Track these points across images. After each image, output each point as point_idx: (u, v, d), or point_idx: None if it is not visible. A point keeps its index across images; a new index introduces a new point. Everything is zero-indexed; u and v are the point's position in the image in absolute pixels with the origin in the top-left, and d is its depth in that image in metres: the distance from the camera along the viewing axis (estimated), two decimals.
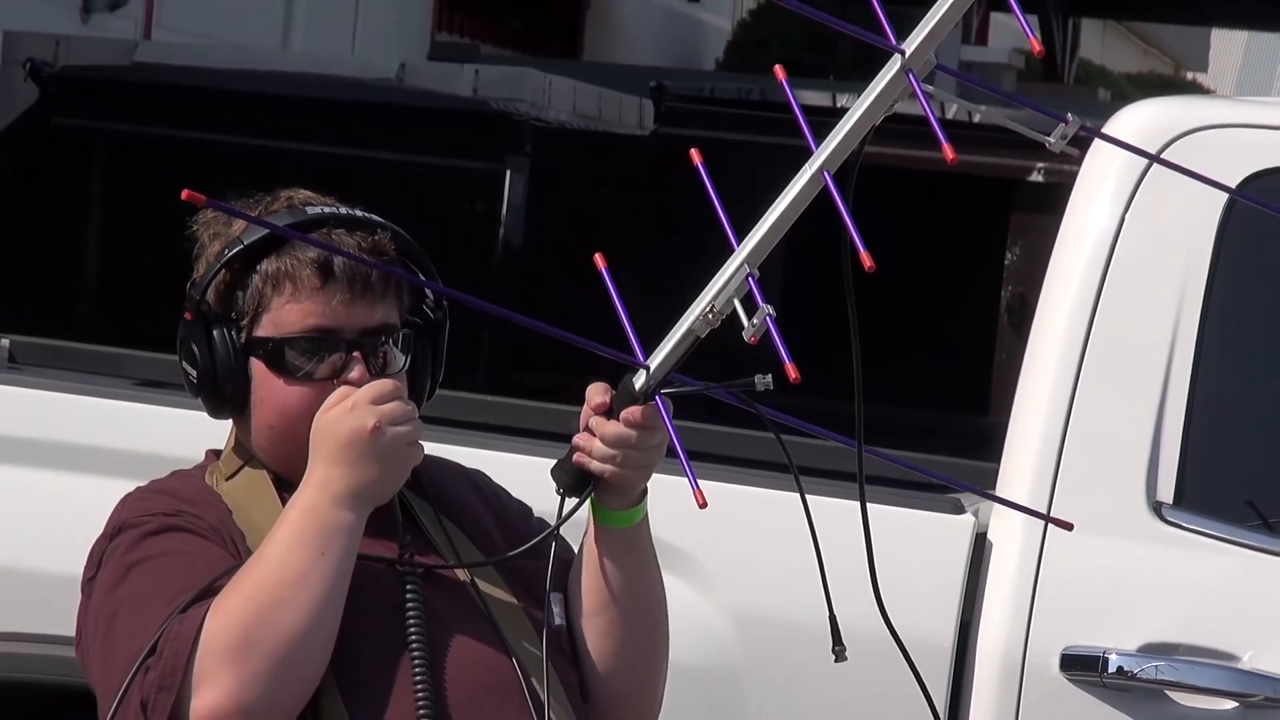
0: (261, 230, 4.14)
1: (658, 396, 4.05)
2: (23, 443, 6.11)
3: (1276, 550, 5.74)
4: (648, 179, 13.93)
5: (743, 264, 3.99)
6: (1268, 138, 6.03)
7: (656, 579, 4.32)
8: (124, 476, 5.62)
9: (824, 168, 3.99)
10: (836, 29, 4.09)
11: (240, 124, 13.62)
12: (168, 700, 3.93)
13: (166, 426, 6.01)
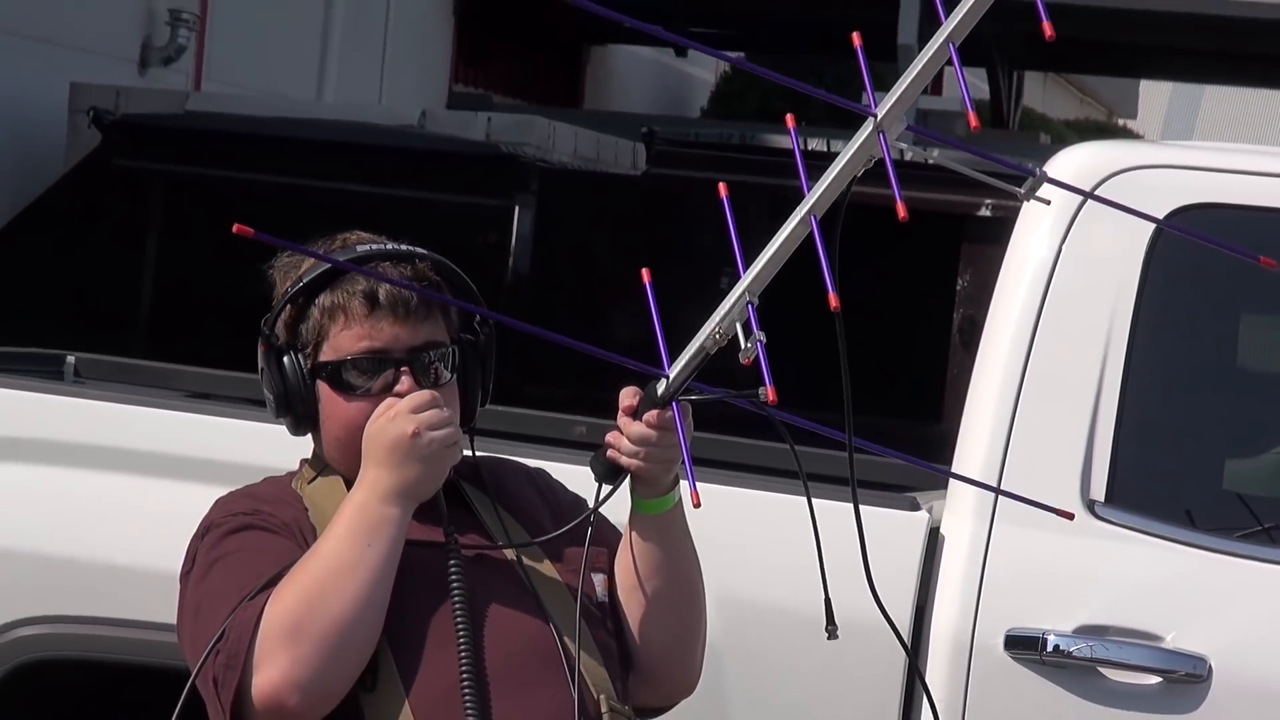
0: (320, 269, 4.20)
1: (674, 403, 4.08)
2: (85, 448, 6.10)
3: (1196, 543, 5.73)
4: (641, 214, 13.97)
5: (744, 293, 4.00)
6: (1189, 177, 6.03)
7: (691, 559, 4.34)
8: (175, 478, 5.64)
9: (811, 213, 4.03)
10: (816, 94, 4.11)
11: (279, 165, 13.62)
12: (233, 679, 3.96)
13: (213, 433, 6.00)
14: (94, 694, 5.88)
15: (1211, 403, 6.33)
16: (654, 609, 4.32)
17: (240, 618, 3.98)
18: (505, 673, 4.12)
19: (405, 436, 4.05)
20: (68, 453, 6.12)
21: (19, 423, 6.19)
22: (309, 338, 4.22)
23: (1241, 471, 6.43)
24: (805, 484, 4.37)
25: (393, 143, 14.16)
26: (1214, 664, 5.62)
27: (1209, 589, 5.72)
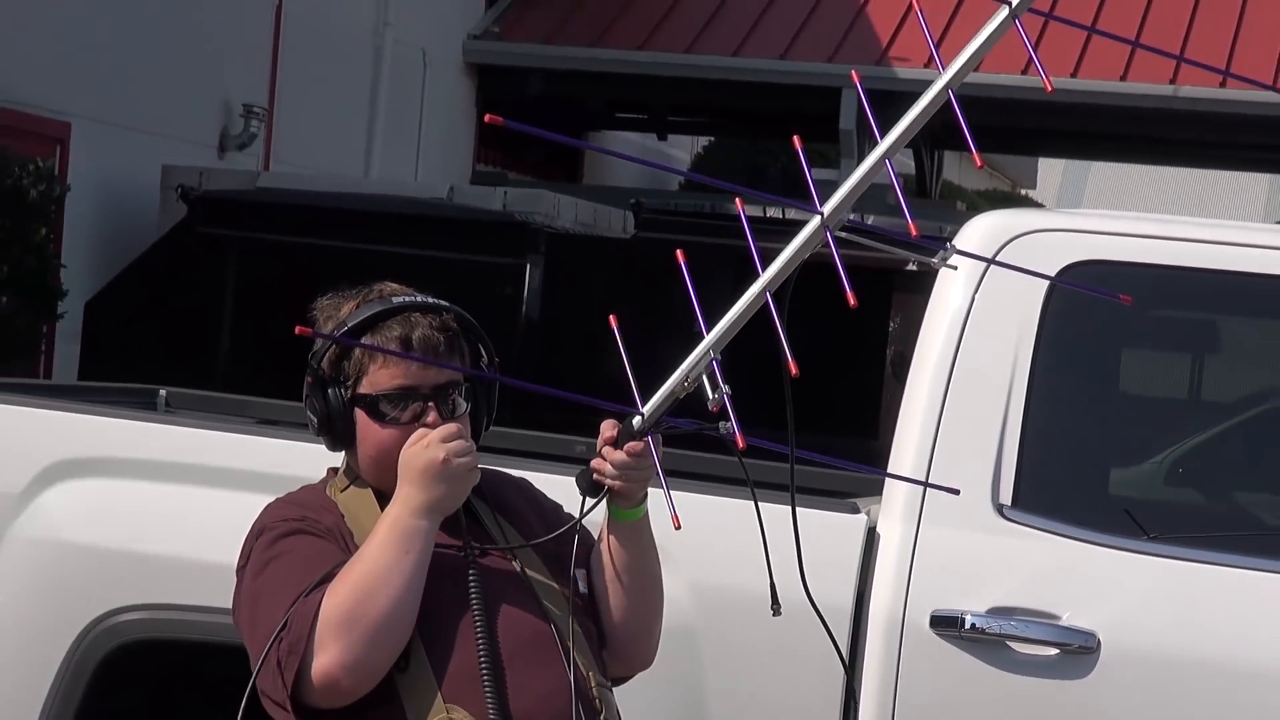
0: (361, 316, 4.25)
1: (649, 436, 4.15)
2: (174, 465, 6.11)
3: (1087, 539, 5.73)
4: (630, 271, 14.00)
5: (708, 349, 4.10)
6: (1078, 238, 6.04)
7: (654, 559, 4.38)
8: (246, 490, 5.63)
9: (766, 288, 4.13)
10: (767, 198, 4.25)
11: (334, 230, 13.69)
12: (295, 662, 3.98)
13: (278, 452, 6.00)
14: (178, 669, 5.88)
15: (1098, 423, 6.34)
16: (626, 598, 4.37)
17: (300, 611, 4.01)
18: (514, 657, 4.14)
19: (436, 462, 4.08)
20: (159, 469, 6.12)
21: (120, 445, 6.19)
22: (350, 373, 4.26)
23: (1124, 479, 6.44)
24: (754, 495, 4.43)
25: (426, 212, 14.24)
26: (1102, 638, 5.61)
27: (1097, 577, 5.71)
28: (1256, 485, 6.64)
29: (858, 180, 4.06)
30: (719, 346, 4.12)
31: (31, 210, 11.45)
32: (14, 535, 6.07)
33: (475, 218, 14.10)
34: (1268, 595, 5.69)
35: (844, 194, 4.06)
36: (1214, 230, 6.14)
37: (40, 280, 11.52)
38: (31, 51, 15.26)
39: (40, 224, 11.60)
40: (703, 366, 4.11)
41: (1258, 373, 7.22)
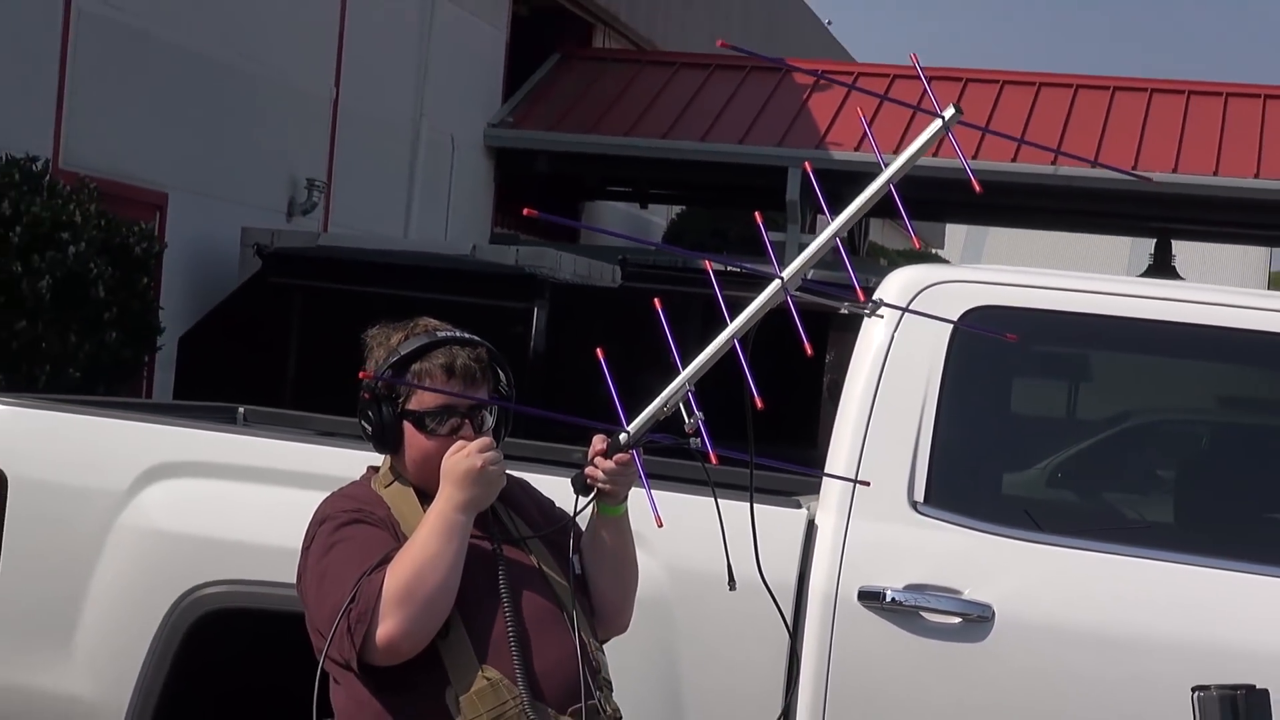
0: (411, 346, 4.29)
1: (635, 450, 4.22)
2: (250, 468, 6.09)
3: (984, 529, 5.72)
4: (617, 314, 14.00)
5: (684, 382, 4.20)
6: (977, 288, 6.04)
7: (632, 545, 4.41)
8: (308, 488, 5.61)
9: (734, 336, 4.25)
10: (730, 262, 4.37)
11: (379, 280, 13.71)
12: (362, 629, 4.01)
13: (333, 458, 5.99)
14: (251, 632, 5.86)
15: (993, 436, 6.34)
16: (609, 577, 4.40)
17: (366, 588, 4.04)
18: (533, 626, 4.16)
19: (475, 469, 4.11)
20: (237, 471, 6.11)
21: (206, 451, 6.18)
22: (400, 392, 4.28)
23: (1013, 481, 6.44)
24: (715, 495, 4.49)
25: (453, 265, 14.26)
26: (996, 609, 5.60)
27: (992, 560, 5.70)
28: (1120, 487, 6.66)
29: (812, 253, 4.28)
30: (693, 380, 4.21)
31: (136, 263, 11.43)
32: (120, 525, 6.05)
33: (493, 270, 14.13)
34: (1130, 575, 5.69)
35: (800, 263, 4.24)
36: (1085, 282, 6.15)
37: (142, 320, 11.50)
38: (137, 135, 15.27)
39: (143, 274, 11.58)
40: (680, 396, 4.19)
41: (1120, 397, 7.23)
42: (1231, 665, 4.64)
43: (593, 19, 24.88)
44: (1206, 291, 6.17)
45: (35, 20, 14.01)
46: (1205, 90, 22.49)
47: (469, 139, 22.10)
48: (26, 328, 10.11)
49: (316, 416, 7.75)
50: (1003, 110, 21.94)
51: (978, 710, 5.64)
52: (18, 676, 6.13)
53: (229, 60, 16.65)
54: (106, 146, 14.82)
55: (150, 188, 15.54)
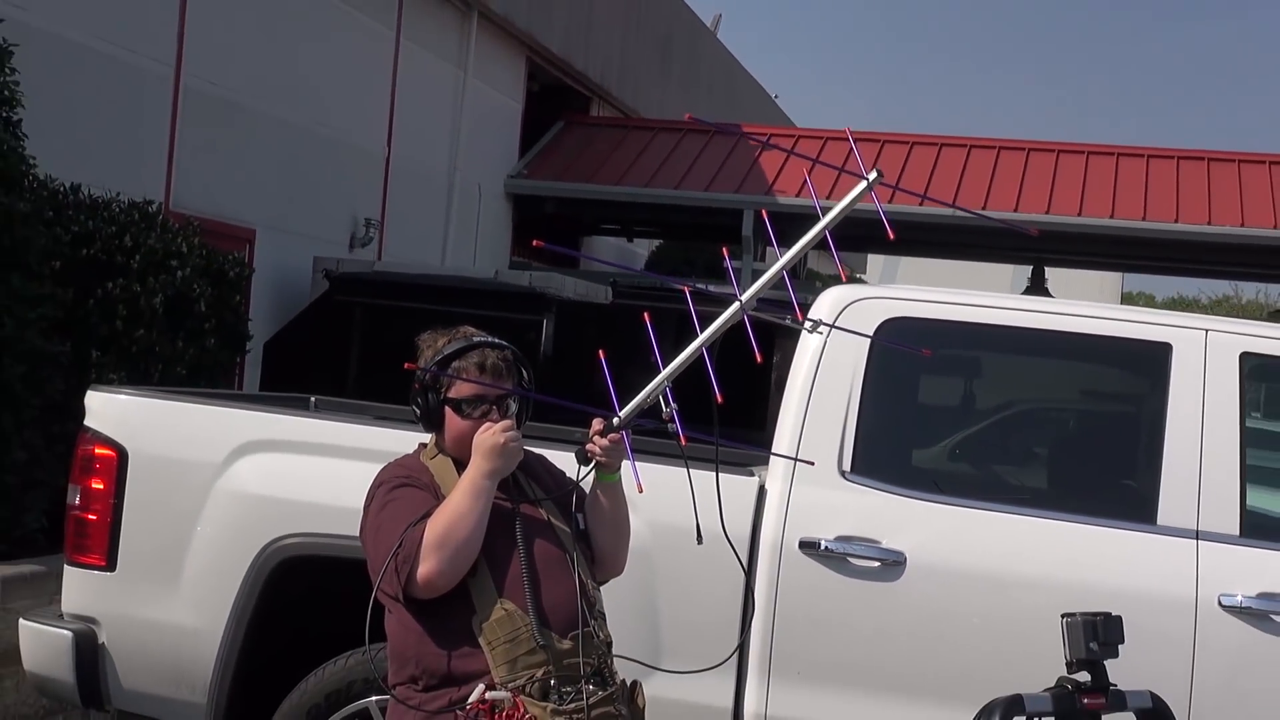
0: (453, 348, 4.31)
1: (624, 431, 4.24)
2: (320, 444, 6.08)
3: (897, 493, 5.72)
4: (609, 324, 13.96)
5: (663, 380, 4.23)
6: (892, 303, 6.03)
7: (625, 507, 4.38)
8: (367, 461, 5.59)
9: (703, 346, 4.30)
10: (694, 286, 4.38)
11: (421, 298, 13.65)
12: (407, 568, 4.02)
13: (387, 438, 5.97)
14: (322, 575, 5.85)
15: (904, 421, 6.33)
16: (607, 531, 4.37)
17: (411, 536, 4.04)
18: (543, 568, 4.16)
19: (499, 444, 4.12)
20: (310, 447, 6.10)
21: (286, 431, 6.16)
22: (443, 384, 4.28)
23: (921, 456, 6.43)
24: (688, 466, 4.48)
25: (480, 287, 14.21)
26: (908, 555, 5.60)
27: (905, 516, 5.70)
28: (1005, 460, 6.67)
29: (765, 281, 4.37)
30: (670, 378, 4.22)
31: (230, 285, 11.40)
32: (217, 489, 6.04)
33: (511, 290, 14.09)
34: (1013, 529, 5.69)
35: (755, 289, 4.34)
36: (977, 299, 6.15)
37: (235, 329, 11.47)
38: (231, 183, 15.27)
39: (235, 293, 11.55)
40: (659, 390, 4.21)
41: (1005, 390, 7.23)
42: (1092, 599, 4.64)
43: (590, 93, 24.93)
44: (1072, 306, 6.18)
45: (151, 92, 14.02)
46: (1071, 150, 22.61)
47: (492, 187, 22.13)
48: (144, 335, 10.09)
49: (373, 405, 7.74)
50: (912, 166, 21.96)
51: (894, 636, 5.64)
52: (138, 610, 6.12)
53: (304, 124, 16.64)
54: (207, 192, 14.81)
55: (242, 225, 15.53)
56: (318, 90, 16.96)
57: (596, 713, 4.01)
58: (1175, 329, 5.91)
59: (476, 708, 3.95)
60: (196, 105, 14.63)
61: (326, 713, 5.76)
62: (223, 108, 15.08)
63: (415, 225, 19.53)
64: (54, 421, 8.95)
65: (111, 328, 9.91)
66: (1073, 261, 26.36)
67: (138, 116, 13.82)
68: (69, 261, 9.68)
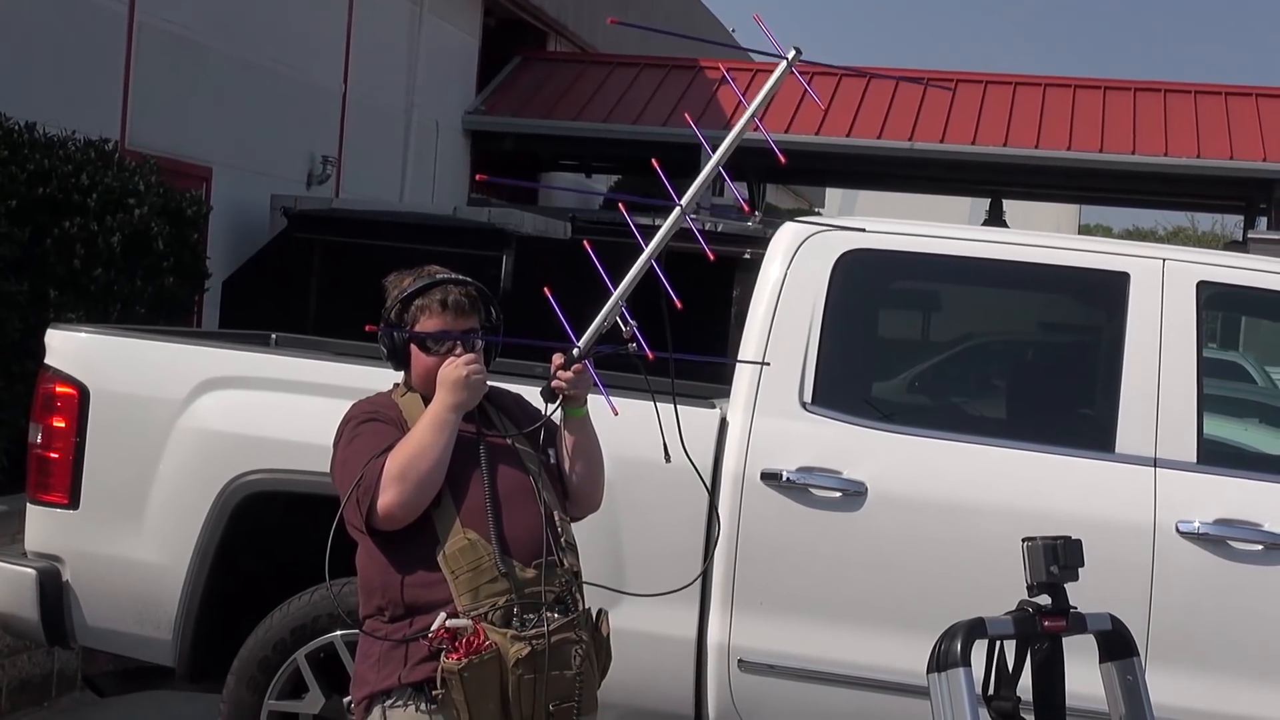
0: (416, 286, 4.32)
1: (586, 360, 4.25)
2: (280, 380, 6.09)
3: (858, 423, 5.75)
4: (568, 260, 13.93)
5: (617, 300, 4.25)
6: (850, 235, 6.05)
7: (596, 442, 4.40)
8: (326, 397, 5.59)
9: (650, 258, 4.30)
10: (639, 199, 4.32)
11: (379, 235, 13.61)
12: (367, 499, 4.04)
13: (345, 373, 5.98)
14: (285, 510, 5.85)
15: (863, 353, 6.35)
16: (578, 465, 4.37)
17: (372, 467, 4.06)
18: (507, 498, 4.17)
19: (461, 377, 4.15)
20: (271, 383, 6.09)
21: (246, 368, 6.15)
22: (408, 321, 4.30)
23: (881, 388, 6.46)
24: (653, 396, 4.50)
25: (440, 224, 14.16)
26: (868, 485, 5.64)
27: (864, 447, 5.72)
28: (963, 392, 6.71)
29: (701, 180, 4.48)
30: (624, 296, 4.24)
31: (188, 222, 11.33)
32: (179, 427, 6.03)
33: (470, 226, 14.03)
34: (972, 458, 5.73)
35: (693, 191, 4.44)
36: (935, 230, 6.16)
37: (193, 267, 11.41)
38: (188, 121, 15.20)
39: (193, 231, 11.48)
40: (615, 311, 4.23)
41: (962, 322, 7.27)
42: (1051, 526, 4.68)
43: (546, 28, 24.80)
44: (1028, 237, 6.20)
45: (105, 30, 13.92)
46: (1028, 82, 22.65)
47: (450, 123, 22.05)
48: (102, 274, 10.04)
49: (332, 341, 7.72)
50: (869, 99, 21.95)
51: (856, 565, 5.68)
52: (103, 547, 6.12)
53: (260, 62, 16.55)
54: (163, 130, 14.74)
55: (198, 163, 15.46)
56: (273, 27, 16.86)
57: (556, 639, 4.03)
58: (1133, 259, 5.94)
59: (440, 634, 3.97)
60: (151, 43, 14.54)
61: (292, 648, 5.78)
62: (178, 45, 14.99)
63: (373, 162, 19.46)
64: (13, 361, 8.91)
65: (69, 267, 9.86)
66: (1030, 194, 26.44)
67: (92, 54, 13.73)
68: (25, 200, 9.61)
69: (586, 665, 4.11)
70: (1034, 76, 22.88)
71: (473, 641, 3.96)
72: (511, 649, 3.97)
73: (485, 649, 3.95)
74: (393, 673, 4.08)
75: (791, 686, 5.70)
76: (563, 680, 4.04)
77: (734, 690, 5.72)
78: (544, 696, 4.00)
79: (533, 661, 3.98)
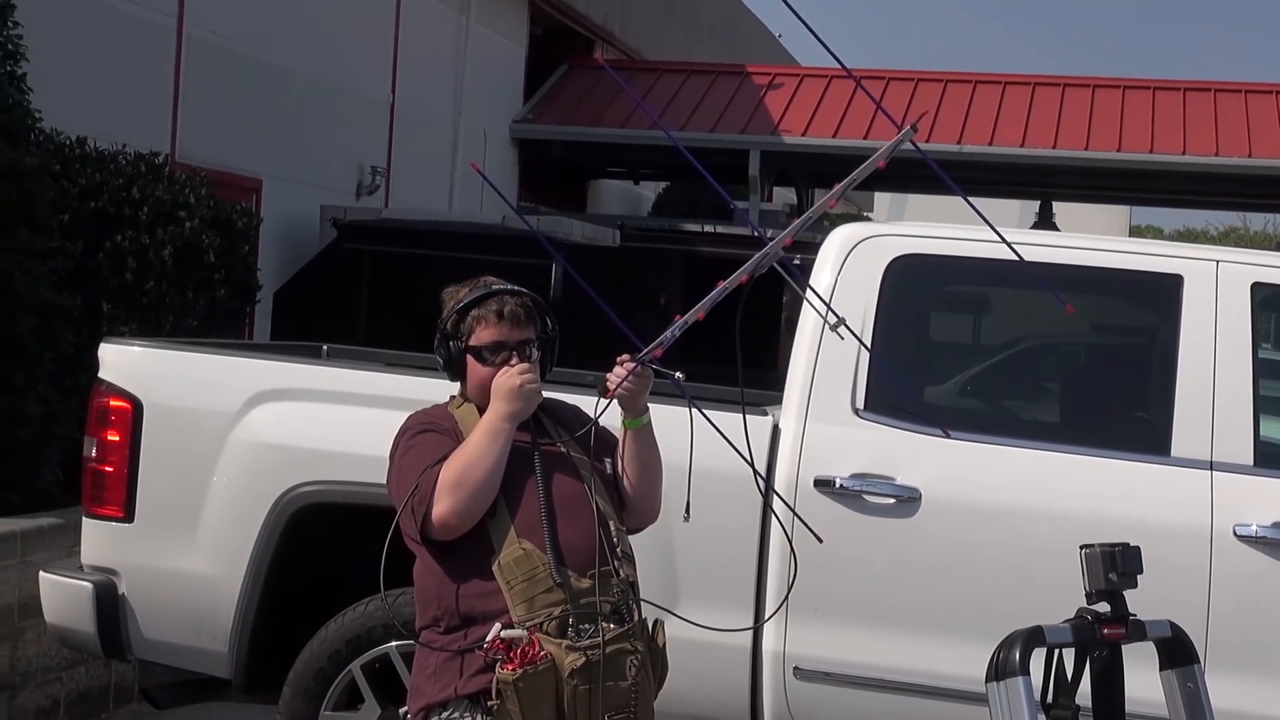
0: (472, 297, 4.34)
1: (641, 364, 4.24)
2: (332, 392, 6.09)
3: (911, 429, 5.72)
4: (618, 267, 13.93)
5: (682, 321, 4.23)
6: (901, 240, 6.04)
7: (655, 450, 4.39)
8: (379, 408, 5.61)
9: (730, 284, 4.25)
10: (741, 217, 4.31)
11: (428, 245, 13.63)
12: (422, 509, 4.05)
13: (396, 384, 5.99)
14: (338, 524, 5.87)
15: (916, 358, 6.33)
16: (636, 476, 4.37)
17: (426, 478, 4.07)
18: (563, 508, 4.17)
19: (515, 386, 4.17)
20: (323, 395, 6.11)
21: (298, 380, 6.17)
22: (464, 332, 4.31)
23: (933, 393, 6.44)
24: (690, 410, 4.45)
25: (487, 232, 14.17)
26: (922, 491, 5.62)
27: (918, 453, 5.71)
28: (1013, 395, 6.67)
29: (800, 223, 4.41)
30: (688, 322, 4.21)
31: (239, 234, 11.36)
32: (232, 439, 6.05)
33: (520, 235, 14.04)
34: (1026, 463, 5.70)
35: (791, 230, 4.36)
36: (986, 234, 6.13)
37: (244, 279, 11.44)
38: (237, 134, 15.25)
39: (244, 243, 11.51)
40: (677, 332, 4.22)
41: (1013, 325, 7.23)
42: (1107, 531, 4.64)
43: (593, 36, 24.82)
44: (1082, 240, 6.17)
45: (154, 44, 13.98)
46: (1077, 83, 22.52)
47: (497, 132, 22.08)
48: (154, 287, 10.07)
49: (382, 351, 7.74)
50: (917, 102, 21.87)
51: (911, 571, 5.66)
52: (158, 560, 6.14)
53: (308, 74, 16.59)
54: (213, 143, 14.78)
55: (248, 175, 15.50)
56: (321, 39, 16.91)
57: (612, 649, 4.03)
58: (1186, 260, 5.90)
59: (495, 645, 3.97)
60: (200, 56, 14.60)
61: (347, 659, 5.79)
62: (226, 58, 15.05)
63: (421, 172, 19.50)
64: (67, 374, 8.95)
65: (121, 280, 9.90)
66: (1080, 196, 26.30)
67: (142, 68, 13.79)
68: (77, 215, 9.66)
69: (642, 676, 4.10)
70: (1082, 78, 22.77)
71: (528, 652, 3.96)
72: (566, 659, 3.97)
73: (540, 659, 3.95)
74: (449, 684, 4.08)
75: (847, 694, 5.68)
76: (618, 691, 4.03)
77: (789, 698, 5.71)
78: (600, 707, 4.00)
79: (588, 672, 3.98)
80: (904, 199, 39.62)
